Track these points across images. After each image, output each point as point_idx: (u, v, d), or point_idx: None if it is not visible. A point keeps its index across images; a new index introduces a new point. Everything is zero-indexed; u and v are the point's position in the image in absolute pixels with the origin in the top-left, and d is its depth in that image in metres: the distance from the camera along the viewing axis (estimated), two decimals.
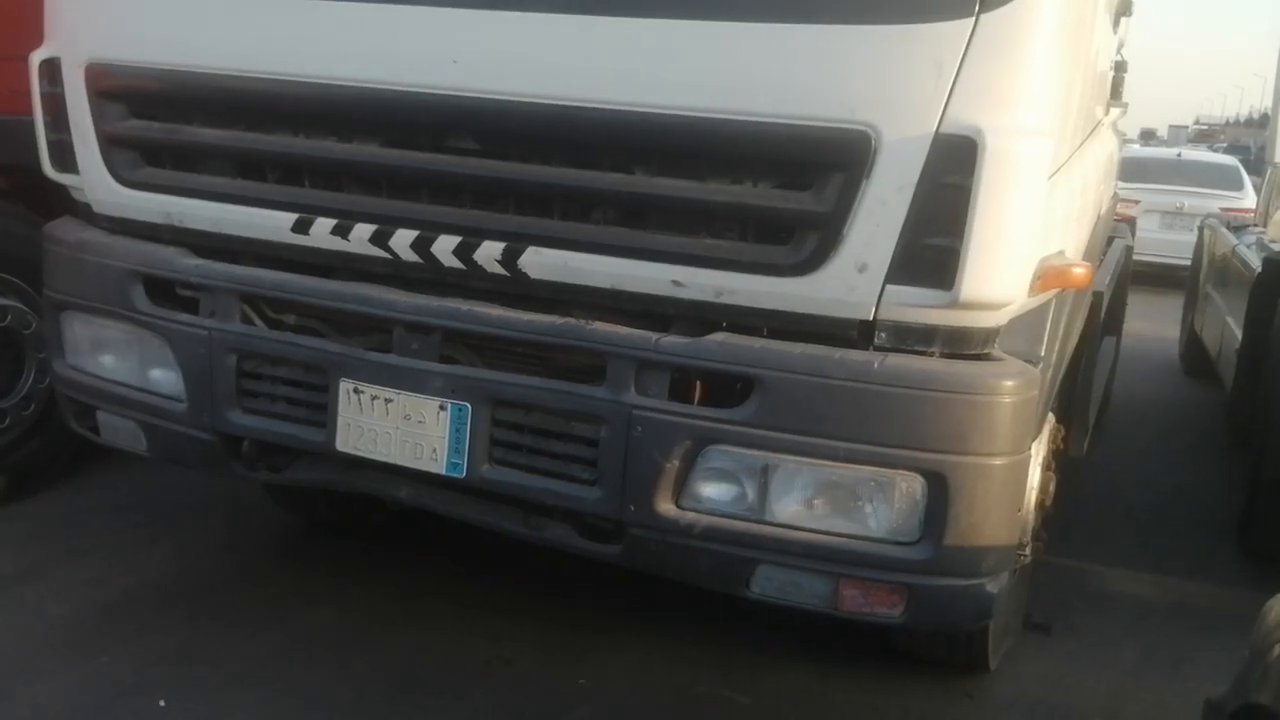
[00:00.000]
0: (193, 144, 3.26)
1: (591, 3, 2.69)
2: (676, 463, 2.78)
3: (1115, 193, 5.41)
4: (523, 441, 2.94)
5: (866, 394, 2.64)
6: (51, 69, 3.42)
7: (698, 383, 2.85)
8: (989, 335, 2.71)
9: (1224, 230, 7.80)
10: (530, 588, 4.15)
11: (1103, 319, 4.69)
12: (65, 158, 3.46)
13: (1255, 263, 5.97)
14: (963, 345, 2.69)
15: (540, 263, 2.88)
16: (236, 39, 3.08)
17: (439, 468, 2.98)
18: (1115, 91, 4.18)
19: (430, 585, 4.16)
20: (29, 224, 4.29)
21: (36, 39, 3.50)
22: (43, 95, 3.48)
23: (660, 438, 2.78)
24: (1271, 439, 4.75)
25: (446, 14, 2.80)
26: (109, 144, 3.33)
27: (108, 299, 3.37)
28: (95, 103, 3.32)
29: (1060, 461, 3.98)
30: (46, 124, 3.51)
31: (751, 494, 2.79)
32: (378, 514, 4.47)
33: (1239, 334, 6.06)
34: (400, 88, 2.89)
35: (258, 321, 3.22)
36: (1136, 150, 18.85)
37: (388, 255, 3.03)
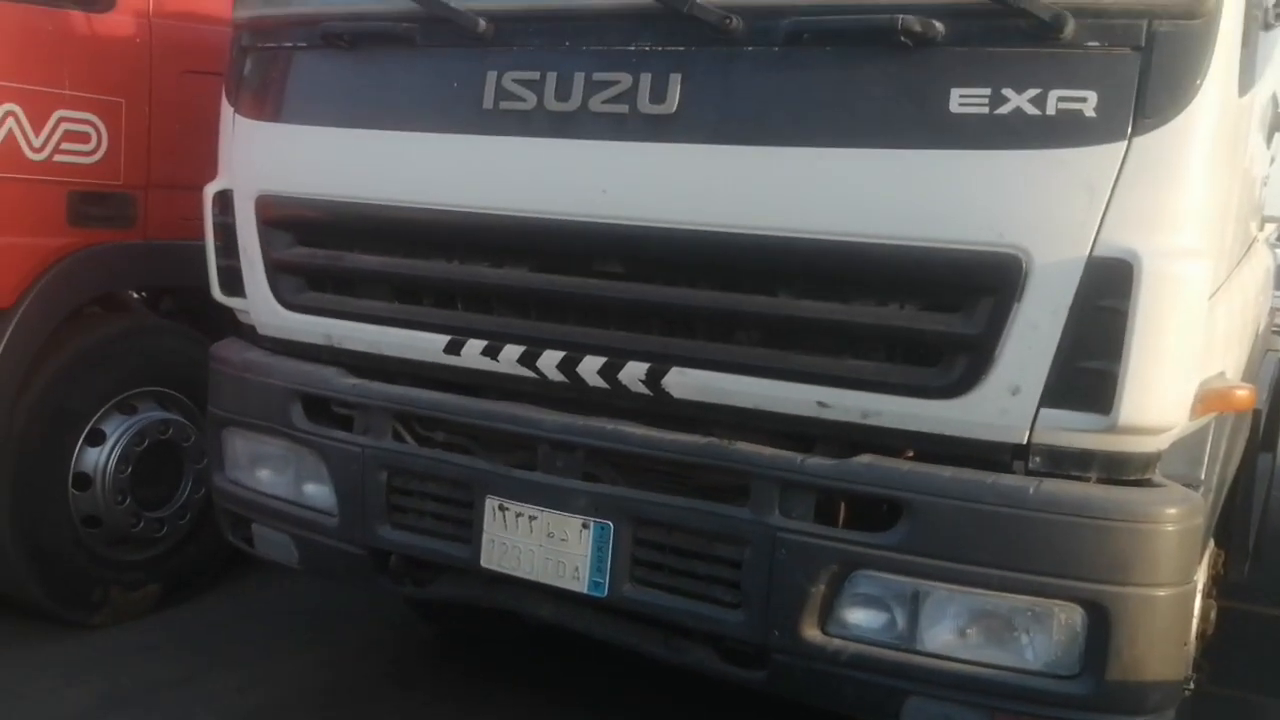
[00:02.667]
0: (353, 270, 3.41)
1: (738, 133, 2.76)
2: (822, 587, 2.74)
3: (1273, 308, 5.23)
4: (665, 561, 2.94)
5: (1022, 520, 2.57)
6: (224, 200, 3.65)
7: (843, 505, 2.82)
8: (1150, 461, 2.62)
9: None
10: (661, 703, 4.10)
11: (1260, 436, 4.51)
12: (233, 282, 3.66)
13: None
14: (1122, 471, 2.61)
15: (683, 383, 2.91)
16: (396, 172, 3.24)
17: (581, 586, 2.99)
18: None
19: (572, 698, 4.14)
20: (194, 343, 4.53)
21: (205, 171, 3.75)
22: (215, 224, 3.70)
23: (806, 561, 2.75)
24: None
25: (596, 146, 2.90)
26: (275, 270, 3.52)
27: (268, 416, 3.52)
28: (264, 231, 3.52)
29: (1220, 587, 3.79)
30: (217, 250, 3.72)
31: (901, 622, 2.72)
32: (514, 626, 4.49)
33: None
34: (552, 216, 2.99)
35: (408, 439, 3.33)
36: None
37: (535, 375, 3.10)
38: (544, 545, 3.04)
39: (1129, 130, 2.44)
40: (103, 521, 4.56)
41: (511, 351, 3.12)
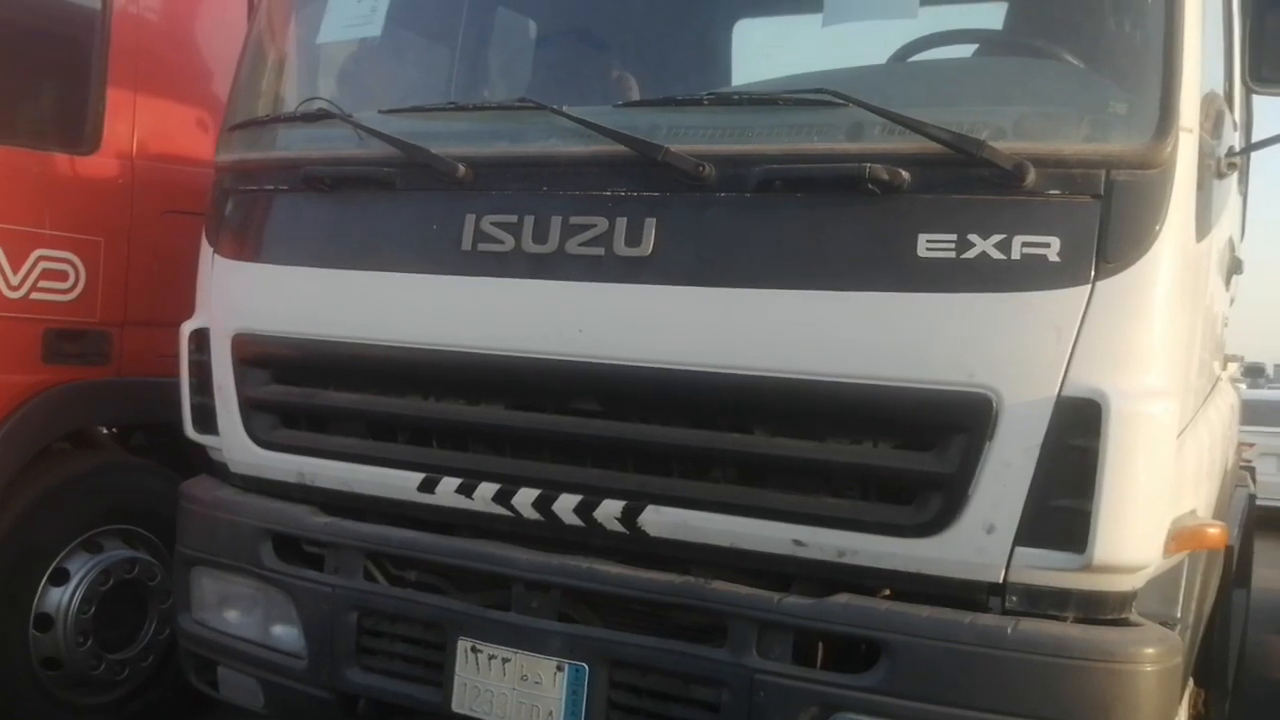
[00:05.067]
0: (328, 407, 3.42)
1: (712, 275, 2.82)
2: None
3: (1239, 445, 5.30)
4: (641, 705, 2.89)
5: (1000, 661, 2.55)
6: (200, 338, 3.67)
7: (821, 645, 2.79)
8: (1125, 599, 2.63)
9: None
10: None
11: (1234, 572, 4.51)
12: (207, 419, 3.65)
13: None
14: (1098, 610, 2.61)
15: (659, 521, 2.91)
16: (374, 312, 3.27)
17: None
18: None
19: None
20: (164, 480, 4.48)
21: (182, 308, 3.77)
22: (190, 361, 3.71)
23: (784, 703, 2.71)
24: None
25: (572, 287, 2.95)
26: (249, 407, 3.52)
27: (237, 555, 3.47)
28: (239, 369, 3.53)
29: None
30: (191, 387, 3.72)
31: None
32: None
33: None
34: (528, 355, 3.03)
35: (380, 578, 3.29)
36: (1245, 392, 18.48)
37: (510, 513, 3.09)
38: (517, 689, 2.98)
39: (1092, 274, 2.52)
40: (63, 664, 4.42)
41: (486, 489, 3.11)
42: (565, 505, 3.00)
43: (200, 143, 4.69)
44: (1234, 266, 3.65)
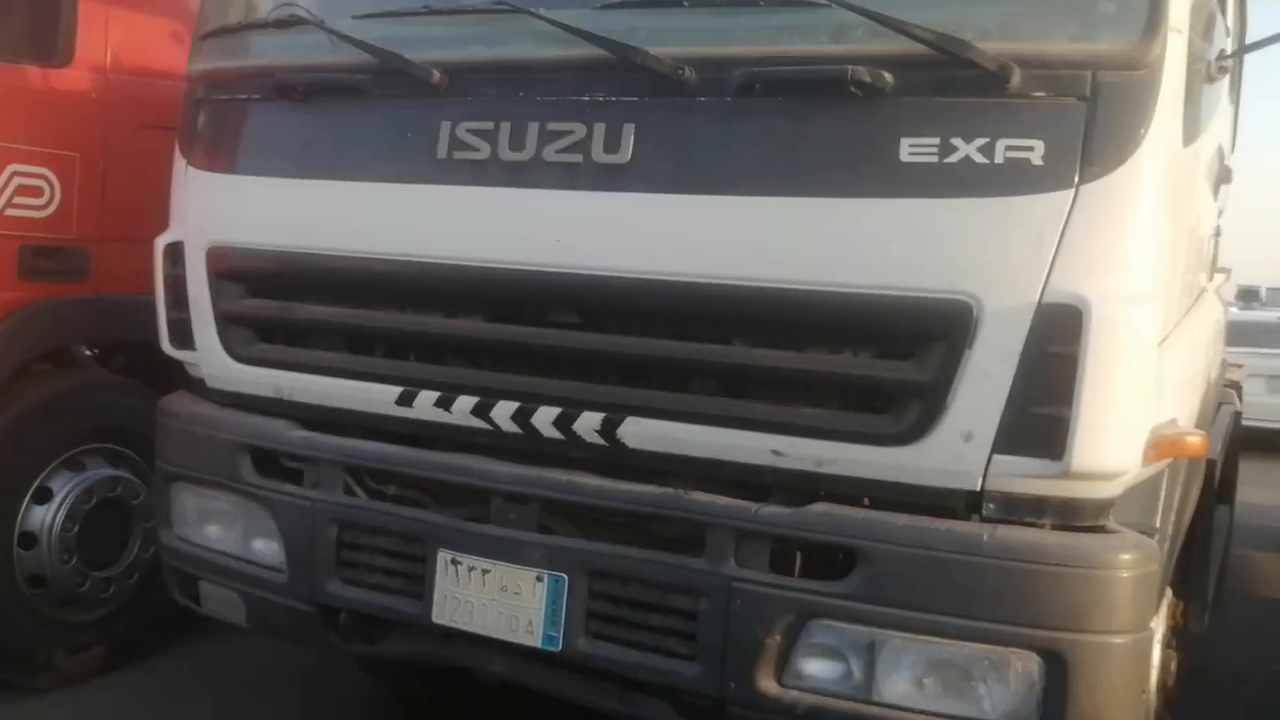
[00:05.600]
0: (305, 321, 3.38)
1: (692, 182, 2.77)
2: (778, 638, 2.70)
3: (1224, 359, 5.30)
4: (620, 614, 2.89)
5: (976, 568, 2.55)
6: (175, 252, 3.61)
7: (799, 555, 2.79)
8: (1103, 507, 2.62)
9: None
10: None
11: (1216, 488, 4.52)
12: (183, 335, 3.62)
13: None
14: (1076, 517, 2.60)
15: (638, 433, 2.89)
16: (349, 223, 3.22)
17: (535, 641, 2.94)
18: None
19: None
20: (145, 399, 4.45)
21: (159, 224, 3.71)
22: (165, 276, 3.66)
23: (761, 611, 2.71)
24: None
25: (550, 195, 2.90)
26: (226, 322, 3.48)
27: (216, 470, 3.45)
28: (215, 283, 3.48)
29: (1181, 638, 3.77)
30: (167, 303, 3.68)
31: (858, 672, 2.69)
32: (468, 687, 4.40)
33: None
34: (506, 266, 2.98)
35: (359, 493, 3.27)
36: (1237, 314, 18.47)
37: (488, 426, 3.07)
38: (497, 599, 2.99)
39: (1076, 178, 2.47)
40: (48, 581, 4.44)
41: (465, 403, 3.09)
42: (544, 418, 2.98)
43: (176, 56, 4.57)
44: (1223, 176, 3.60)
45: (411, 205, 3.12)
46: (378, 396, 3.22)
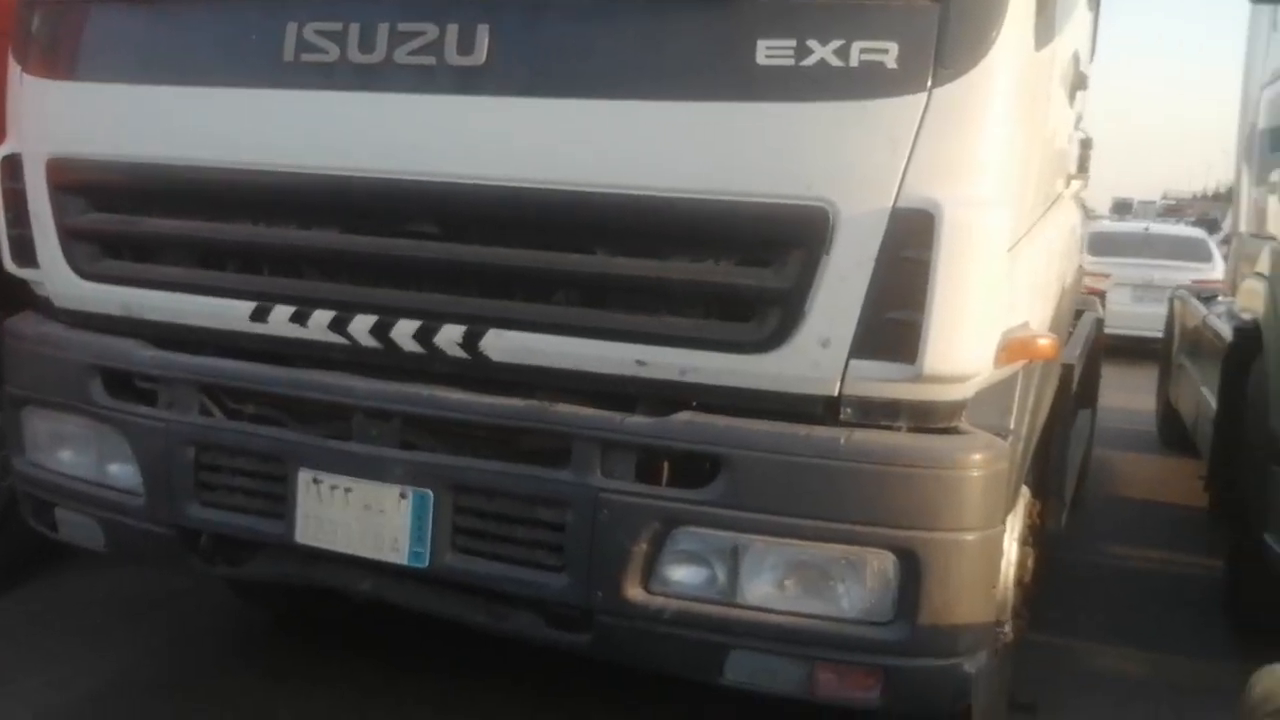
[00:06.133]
0: (151, 235, 3.24)
1: (548, 86, 2.70)
2: (644, 546, 2.72)
3: (1081, 265, 5.45)
4: (486, 528, 2.87)
5: (834, 471, 2.60)
6: (13, 165, 3.41)
7: (665, 464, 2.80)
8: (956, 409, 2.68)
9: (1194, 301, 7.86)
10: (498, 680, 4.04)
11: (1076, 392, 4.68)
12: (26, 252, 3.43)
13: (1227, 332, 5.99)
14: (929, 419, 2.66)
15: (501, 345, 2.85)
16: (193, 130, 3.08)
17: (401, 558, 2.91)
18: (1080, 165, 4.22)
19: (399, 683, 4.04)
20: None
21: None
22: (4, 191, 3.46)
23: (627, 520, 2.72)
24: (1251, 509, 4.72)
25: (403, 99, 2.81)
26: (69, 237, 3.31)
27: (66, 393, 3.31)
28: (56, 196, 3.31)
29: (1039, 537, 3.92)
30: (7, 219, 3.48)
31: (722, 576, 2.72)
32: (345, 607, 4.36)
33: (1214, 404, 6.06)
34: (359, 174, 2.89)
35: (216, 412, 3.18)
36: (1106, 225, 19.12)
37: (346, 341, 2.99)
38: (361, 517, 2.94)
39: (929, 81, 2.48)
40: None
41: (321, 317, 3.00)
42: (404, 331, 2.92)
43: None
44: (1079, 82, 3.66)
45: (259, 111, 2.99)
46: (231, 312, 3.12)
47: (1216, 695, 3.91)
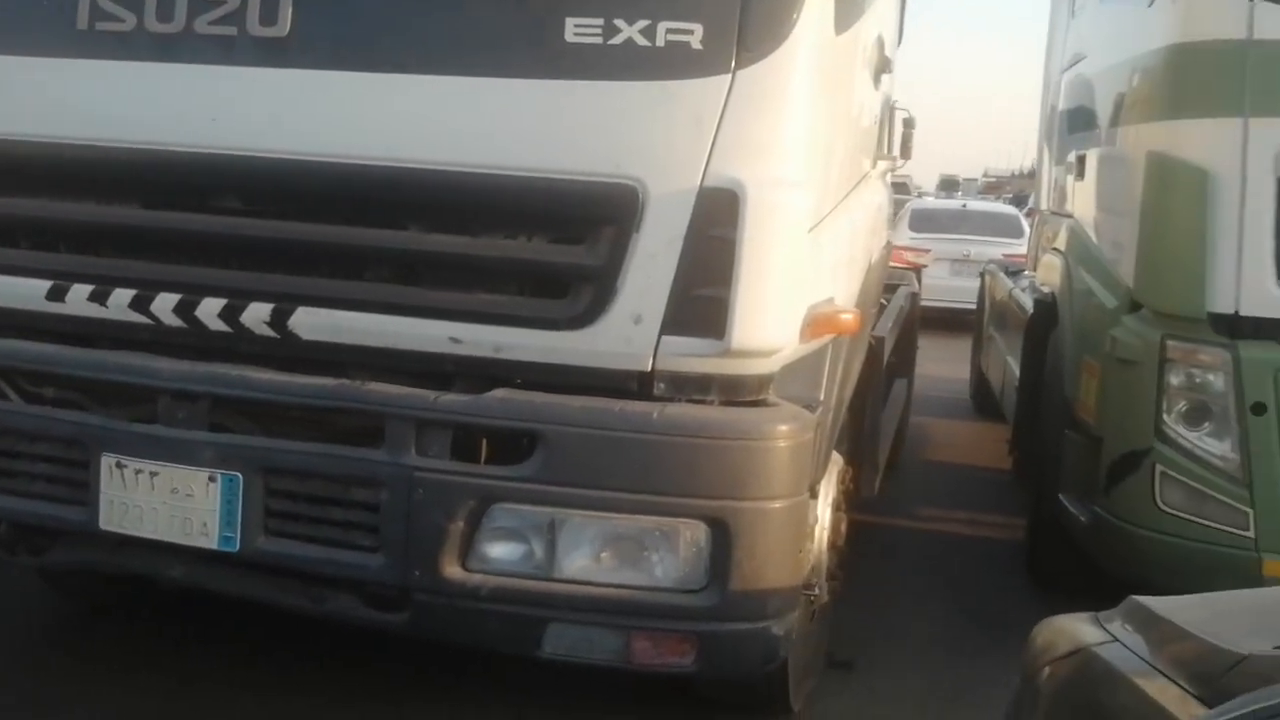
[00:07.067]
0: None
1: (355, 59, 2.66)
2: (461, 524, 2.72)
3: (889, 242, 5.66)
4: (300, 510, 2.83)
5: (647, 444, 2.65)
6: None
7: (483, 441, 2.81)
8: (763, 382, 2.77)
9: (1002, 275, 8.27)
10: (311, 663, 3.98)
11: (891, 363, 4.88)
12: None
13: (1028, 305, 6.34)
14: (739, 392, 2.74)
15: (311, 323, 2.80)
16: None
17: (211, 543, 2.84)
18: (902, 144, 4.39)
19: (217, 670, 3.94)
20: None
21: None
22: None
23: (443, 499, 2.72)
24: (1047, 472, 5.01)
25: (203, 70, 2.72)
26: None
27: None
28: None
29: (852, 502, 4.08)
30: None
31: (539, 551, 2.75)
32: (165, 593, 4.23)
33: (1018, 372, 6.39)
34: (158, 147, 2.79)
35: (13, 396, 3.03)
36: (928, 202, 19.88)
37: (150, 321, 2.90)
38: (168, 502, 2.86)
39: (733, 63, 2.54)
40: None
41: (122, 296, 2.90)
42: (209, 310, 2.84)
43: None
44: (883, 65, 3.80)
45: (52, 82, 2.86)
46: (25, 292, 2.98)
47: (1014, 646, 4.15)
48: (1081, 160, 5.61)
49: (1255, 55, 3.78)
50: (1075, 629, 2.34)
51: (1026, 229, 15.48)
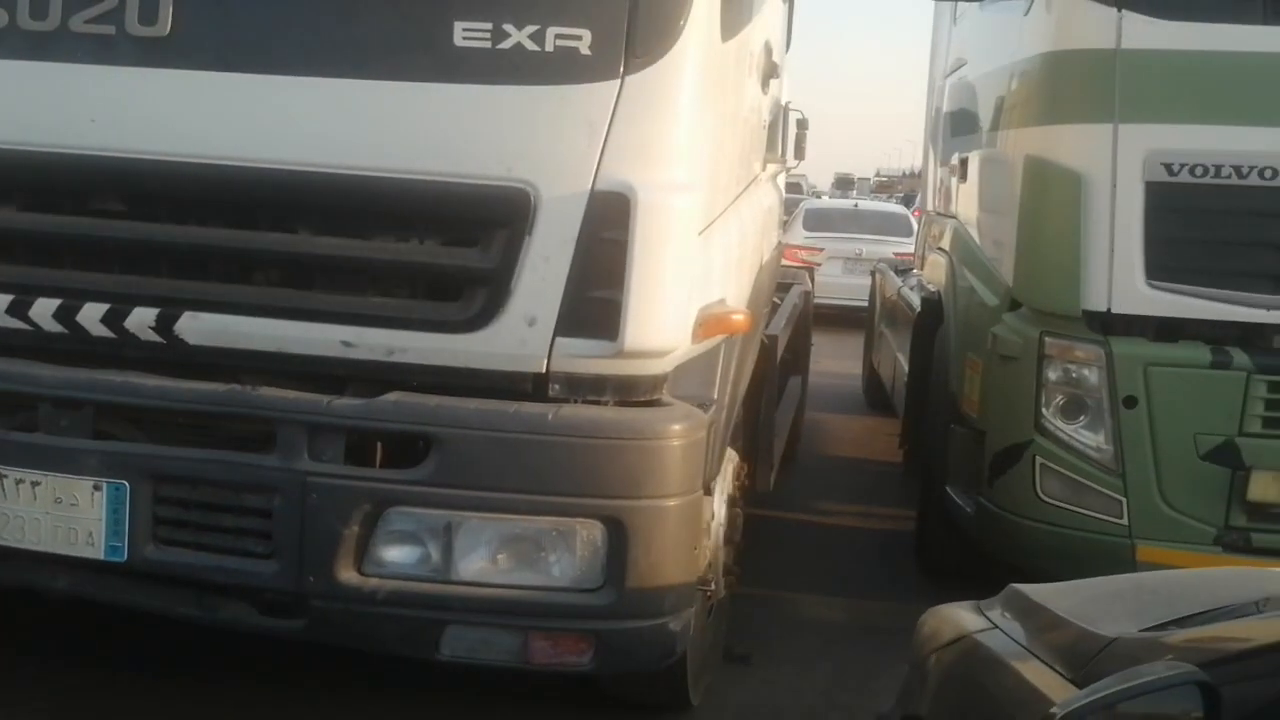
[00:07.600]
0: None
1: (239, 59, 2.63)
2: (356, 528, 2.71)
3: (780, 242, 5.76)
4: (190, 518, 2.78)
5: (542, 445, 2.67)
6: None
7: (378, 445, 2.79)
8: (657, 382, 2.81)
9: (892, 274, 8.46)
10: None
11: (785, 360, 4.96)
12: None
13: (915, 303, 6.50)
14: (633, 393, 2.78)
15: (198, 328, 2.76)
16: None
17: (97, 553, 2.77)
18: (791, 147, 4.47)
19: (117, 684, 3.84)
20: None
21: None
22: None
23: (337, 503, 2.70)
24: (935, 464, 5.16)
25: (80, 70, 2.66)
26: None
27: None
28: None
29: (748, 497, 4.15)
30: None
31: (436, 554, 2.75)
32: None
33: (906, 368, 6.56)
34: (34, 148, 2.72)
35: None
36: (822, 202, 20.22)
37: (28, 326, 2.82)
38: (51, 512, 2.78)
39: (621, 69, 2.58)
40: None
41: None
42: (91, 315, 2.78)
43: None
44: (771, 70, 3.88)
45: None
46: None
47: (907, 634, 4.26)
48: (964, 163, 5.78)
49: (1124, 63, 3.95)
50: (958, 617, 2.43)
51: (915, 228, 15.91)
